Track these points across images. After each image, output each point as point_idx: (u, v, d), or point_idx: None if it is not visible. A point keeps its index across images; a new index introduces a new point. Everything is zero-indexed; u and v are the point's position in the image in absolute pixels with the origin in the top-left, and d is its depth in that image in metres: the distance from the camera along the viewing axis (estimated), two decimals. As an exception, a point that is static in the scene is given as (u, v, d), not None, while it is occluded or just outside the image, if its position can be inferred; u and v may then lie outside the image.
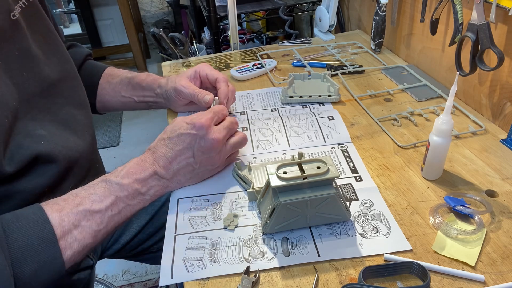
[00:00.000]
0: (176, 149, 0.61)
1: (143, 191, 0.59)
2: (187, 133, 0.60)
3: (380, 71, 1.01)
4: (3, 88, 0.55)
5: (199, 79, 0.80)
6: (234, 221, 0.61)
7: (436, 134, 0.61)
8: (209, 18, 1.40)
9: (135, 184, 0.58)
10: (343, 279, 0.52)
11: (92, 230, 0.53)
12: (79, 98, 0.70)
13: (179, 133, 0.61)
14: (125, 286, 1.51)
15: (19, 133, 0.56)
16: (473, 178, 0.66)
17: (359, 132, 0.79)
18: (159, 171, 0.60)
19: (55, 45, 0.68)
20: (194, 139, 0.60)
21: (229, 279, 0.53)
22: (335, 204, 0.56)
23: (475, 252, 0.54)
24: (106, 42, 3.10)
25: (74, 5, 2.99)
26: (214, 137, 0.61)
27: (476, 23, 0.71)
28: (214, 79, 0.79)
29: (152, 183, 0.60)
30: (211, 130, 0.62)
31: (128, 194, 0.57)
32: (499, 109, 0.77)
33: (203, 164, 0.63)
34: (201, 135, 0.60)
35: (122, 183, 0.57)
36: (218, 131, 0.62)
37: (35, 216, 0.49)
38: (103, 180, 0.57)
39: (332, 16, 1.18)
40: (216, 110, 0.65)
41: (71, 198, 0.54)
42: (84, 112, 0.70)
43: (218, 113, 0.65)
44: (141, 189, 0.59)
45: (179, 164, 0.61)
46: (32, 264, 0.47)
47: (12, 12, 0.59)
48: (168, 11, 3.17)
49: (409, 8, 0.99)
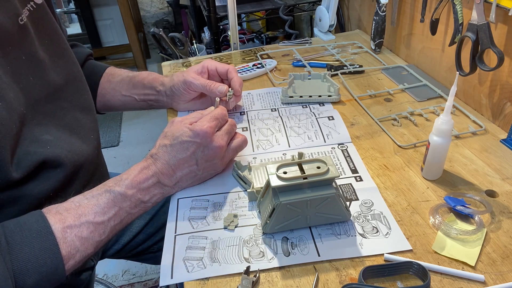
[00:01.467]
0: (179, 157, 0.60)
1: (146, 199, 0.59)
2: (191, 142, 0.60)
3: (380, 71, 1.01)
4: (11, 94, 0.54)
5: (206, 73, 0.79)
6: (234, 221, 0.61)
7: (436, 134, 0.61)
8: (209, 18, 1.40)
9: (138, 193, 0.57)
10: (343, 279, 0.52)
11: (94, 241, 0.53)
12: (84, 102, 0.70)
13: (182, 141, 0.60)
14: (125, 286, 1.51)
15: (25, 138, 0.56)
16: (473, 178, 0.66)
17: (359, 132, 0.79)
18: (162, 180, 0.60)
19: (62, 48, 0.67)
20: (198, 148, 0.60)
21: (229, 279, 0.53)
22: (335, 204, 0.56)
23: (475, 252, 0.54)
24: (106, 42, 3.10)
25: (74, 5, 2.99)
26: (218, 145, 0.61)
27: (476, 23, 0.71)
28: (225, 71, 0.79)
29: (155, 191, 0.59)
30: (214, 137, 0.61)
31: (131, 203, 0.57)
32: (499, 109, 0.77)
33: (206, 169, 0.63)
34: (205, 144, 0.60)
35: (126, 194, 0.56)
36: (221, 138, 0.62)
37: (38, 226, 0.49)
38: (107, 191, 0.56)
39: (332, 16, 1.18)
40: (218, 115, 0.63)
41: (74, 208, 0.53)
42: (89, 116, 0.70)
43: (221, 119, 0.64)
44: (144, 197, 0.58)
45: (182, 172, 0.61)
46: (34, 275, 0.47)
47: (20, 17, 0.58)
48: (168, 11, 3.17)
49: (409, 8, 0.99)
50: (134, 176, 0.58)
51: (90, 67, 0.84)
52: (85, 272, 0.75)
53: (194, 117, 0.63)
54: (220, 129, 0.64)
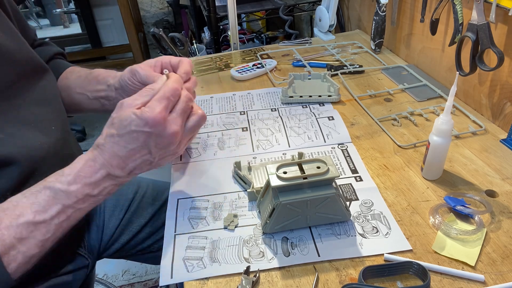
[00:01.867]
0: (129, 147, 0.53)
1: (95, 193, 0.54)
2: (140, 131, 0.52)
3: (380, 71, 1.01)
4: None
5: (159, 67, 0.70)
6: (234, 221, 0.61)
7: (436, 134, 0.61)
8: (209, 18, 1.40)
9: (85, 188, 0.53)
10: (343, 279, 0.52)
11: (37, 241, 0.50)
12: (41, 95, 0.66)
13: (130, 130, 0.53)
14: (125, 286, 1.51)
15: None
16: (473, 178, 0.66)
17: (359, 132, 0.79)
18: (113, 172, 0.54)
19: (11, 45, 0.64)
20: (148, 137, 0.53)
21: (229, 279, 0.53)
22: (335, 204, 0.56)
23: (475, 252, 0.54)
24: (106, 42, 3.09)
25: (74, 5, 2.99)
26: (171, 131, 0.53)
27: (476, 23, 0.71)
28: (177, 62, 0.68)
29: (105, 184, 0.54)
30: (166, 124, 0.53)
31: (78, 200, 0.53)
32: (499, 109, 0.77)
33: (162, 155, 0.56)
34: (156, 133, 0.53)
35: (69, 190, 0.52)
36: (174, 122, 0.54)
37: None
38: (46, 187, 0.52)
39: (332, 16, 1.18)
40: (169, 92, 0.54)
41: (11, 208, 0.50)
42: (49, 108, 0.66)
43: (173, 96, 0.54)
44: (92, 191, 0.54)
45: (135, 162, 0.55)
46: None
47: None
48: (168, 11, 3.17)
49: (409, 8, 0.99)
50: (78, 170, 0.53)
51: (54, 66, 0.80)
52: (79, 271, 0.74)
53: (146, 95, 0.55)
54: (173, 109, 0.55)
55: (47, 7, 3.35)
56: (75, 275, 0.73)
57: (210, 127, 0.84)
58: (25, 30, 0.72)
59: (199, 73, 1.07)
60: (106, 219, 0.81)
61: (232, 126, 0.83)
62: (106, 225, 0.81)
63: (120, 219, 0.82)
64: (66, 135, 0.68)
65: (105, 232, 0.81)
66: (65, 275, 0.71)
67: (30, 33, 0.76)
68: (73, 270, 0.73)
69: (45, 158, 0.61)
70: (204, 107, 0.91)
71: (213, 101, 0.93)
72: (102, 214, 0.81)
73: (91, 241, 0.79)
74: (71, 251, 0.73)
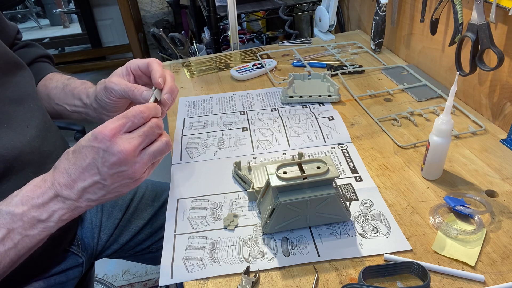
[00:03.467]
0: (79, 164, 0.50)
1: (44, 217, 0.50)
2: (88, 146, 0.50)
3: (380, 71, 1.01)
4: None
5: (131, 74, 0.66)
6: (234, 221, 0.61)
7: (436, 134, 0.61)
8: (209, 18, 1.40)
9: (31, 211, 0.49)
10: (343, 279, 0.52)
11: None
12: (12, 94, 0.64)
13: (81, 146, 0.50)
14: (125, 286, 1.51)
15: None
16: (473, 178, 0.66)
17: (359, 132, 0.79)
18: (61, 192, 0.50)
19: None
20: (96, 153, 0.49)
21: (229, 279, 0.53)
22: (335, 204, 0.56)
23: (475, 252, 0.54)
24: (106, 42, 3.09)
25: (74, 5, 2.99)
26: (120, 149, 0.49)
27: (476, 23, 0.71)
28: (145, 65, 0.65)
29: (54, 207, 0.50)
30: (116, 140, 0.49)
31: (24, 223, 0.49)
32: (499, 109, 0.77)
33: (116, 180, 0.51)
34: (103, 148, 0.49)
35: (14, 213, 0.48)
36: (127, 141, 0.50)
37: None
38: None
39: (332, 16, 1.18)
40: (131, 113, 0.51)
41: None
42: (22, 106, 0.64)
43: (135, 117, 0.51)
44: (41, 216, 0.50)
45: (84, 183, 0.51)
46: None
47: None
48: (168, 11, 3.17)
49: (409, 8, 0.99)
50: (26, 190, 0.50)
51: (35, 69, 0.77)
52: (73, 269, 0.73)
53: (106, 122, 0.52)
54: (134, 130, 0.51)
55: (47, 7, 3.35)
56: (68, 274, 0.72)
57: (210, 127, 0.84)
58: (2, 28, 0.71)
59: (199, 73, 1.07)
60: (104, 219, 0.81)
61: (232, 126, 0.83)
62: (104, 225, 0.80)
63: (119, 219, 0.82)
64: (44, 133, 0.65)
65: (103, 231, 0.80)
66: (57, 275, 0.70)
67: (9, 31, 0.75)
68: (65, 270, 0.72)
69: (20, 156, 0.59)
70: (204, 107, 0.91)
71: (213, 101, 0.93)
72: (100, 213, 0.81)
73: (85, 238, 0.77)
74: (62, 249, 0.71)
